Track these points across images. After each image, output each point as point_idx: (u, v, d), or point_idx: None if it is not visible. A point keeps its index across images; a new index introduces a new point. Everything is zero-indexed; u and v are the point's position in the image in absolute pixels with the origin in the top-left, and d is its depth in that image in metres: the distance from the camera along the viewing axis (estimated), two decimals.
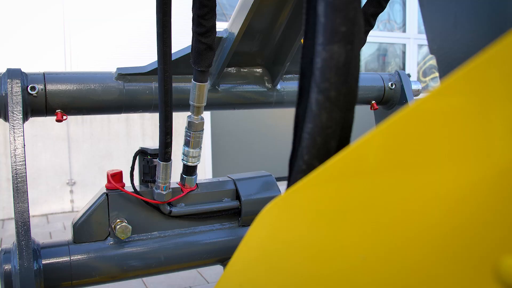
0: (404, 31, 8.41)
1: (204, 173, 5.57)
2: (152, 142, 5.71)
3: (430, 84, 8.26)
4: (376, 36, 7.84)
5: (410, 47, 8.83)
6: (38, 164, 4.90)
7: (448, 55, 0.72)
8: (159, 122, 1.35)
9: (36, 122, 4.70)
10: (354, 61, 0.51)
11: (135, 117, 5.50)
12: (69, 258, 1.38)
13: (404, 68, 8.15)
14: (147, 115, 5.65)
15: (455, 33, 0.71)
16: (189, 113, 1.44)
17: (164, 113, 1.32)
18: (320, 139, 0.52)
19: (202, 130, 1.45)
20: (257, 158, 6.57)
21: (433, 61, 8.34)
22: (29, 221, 1.25)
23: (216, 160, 6.25)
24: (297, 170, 0.56)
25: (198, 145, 1.46)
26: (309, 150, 0.54)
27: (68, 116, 1.43)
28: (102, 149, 5.31)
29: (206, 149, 6.40)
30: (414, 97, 1.97)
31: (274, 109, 3.21)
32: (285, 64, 1.62)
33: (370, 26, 1.46)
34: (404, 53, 8.47)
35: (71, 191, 5.15)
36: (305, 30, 0.56)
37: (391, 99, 1.95)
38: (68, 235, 1.49)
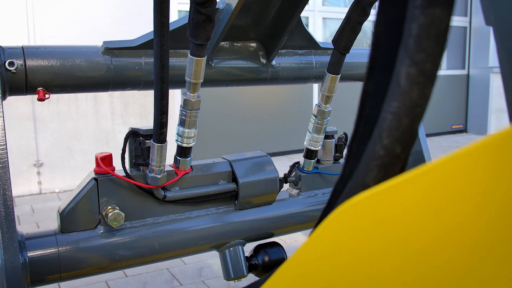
0: None
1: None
2: (122, 120, 5.53)
3: None
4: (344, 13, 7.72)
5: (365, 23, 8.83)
6: None
7: (508, 26, 0.64)
8: (154, 100, 1.24)
9: None
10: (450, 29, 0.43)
11: (103, 95, 5.30)
12: (57, 249, 1.27)
13: None
14: (116, 93, 5.45)
15: None
16: (184, 91, 1.34)
17: (160, 90, 1.22)
18: (407, 120, 0.44)
19: (199, 108, 1.35)
20: (231, 138, 6.48)
21: None
22: (13, 212, 1.14)
23: None
24: (371, 156, 0.48)
25: (194, 124, 1.36)
26: (391, 132, 0.45)
27: (50, 95, 1.31)
28: (70, 128, 5.10)
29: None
30: None
31: (247, 88, 3.09)
32: (283, 38, 1.53)
33: (366, 15, 1.40)
34: None
35: (38, 173, 4.94)
36: None
37: None
38: (37, 218, 1.37)
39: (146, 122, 5.81)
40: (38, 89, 1.29)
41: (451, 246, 0.38)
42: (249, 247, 1.59)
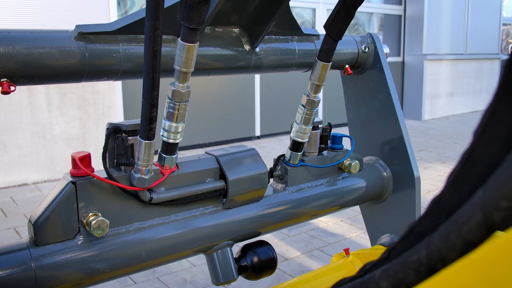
0: None
1: None
2: (59, 112, 5.18)
3: None
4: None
5: (320, 12, 8.89)
6: None
7: None
8: (143, 92, 1.10)
9: None
10: None
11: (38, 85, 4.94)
12: (31, 265, 1.10)
13: None
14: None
15: None
16: (172, 81, 1.20)
17: (150, 80, 1.08)
18: None
19: (188, 100, 1.22)
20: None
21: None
22: None
23: None
24: None
25: (183, 118, 1.23)
26: None
27: (16, 87, 1.13)
28: (3, 121, 4.71)
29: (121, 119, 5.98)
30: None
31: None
32: (271, 23, 1.42)
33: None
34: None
35: None
36: None
37: (363, 63, 1.83)
38: None
39: (85, 113, 5.48)
40: (2, 80, 1.11)
41: None
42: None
